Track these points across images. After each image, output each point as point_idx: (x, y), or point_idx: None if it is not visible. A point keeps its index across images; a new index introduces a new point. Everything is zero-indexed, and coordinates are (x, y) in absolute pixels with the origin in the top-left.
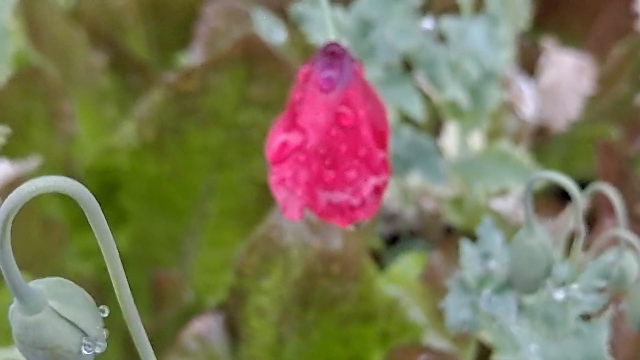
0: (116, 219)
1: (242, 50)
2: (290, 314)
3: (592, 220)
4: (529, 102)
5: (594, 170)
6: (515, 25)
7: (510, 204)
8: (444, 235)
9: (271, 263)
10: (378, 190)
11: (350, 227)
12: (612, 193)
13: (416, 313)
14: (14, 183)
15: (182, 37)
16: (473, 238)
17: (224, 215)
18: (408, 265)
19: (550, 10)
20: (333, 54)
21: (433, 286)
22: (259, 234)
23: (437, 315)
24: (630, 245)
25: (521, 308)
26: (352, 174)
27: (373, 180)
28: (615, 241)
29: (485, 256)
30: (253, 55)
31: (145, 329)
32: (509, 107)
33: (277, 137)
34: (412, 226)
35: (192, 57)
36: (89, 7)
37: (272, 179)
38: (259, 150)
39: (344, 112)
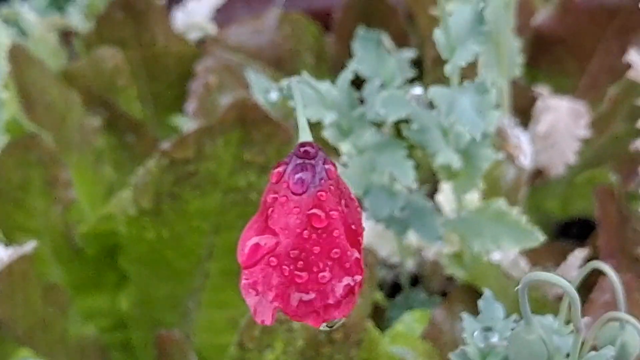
0: (117, 280)
1: (236, 115)
2: None
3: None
4: (526, 150)
5: (594, 211)
6: (510, 74)
7: (510, 256)
8: (446, 283)
9: (273, 335)
10: (351, 290)
11: (324, 327)
12: (609, 271)
13: None
14: (11, 267)
15: (177, 94)
16: (473, 290)
17: (225, 276)
18: (412, 323)
19: (544, 52)
20: (306, 154)
21: (437, 343)
22: None
23: None
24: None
25: None
26: (325, 275)
27: (347, 281)
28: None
29: (487, 330)
30: (247, 120)
31: None
32: (508, 158)
33: (249, 240)
34: (413, 274)
35: (187, 113)
36: (81, 69)
37: (243, 282)
38: (257, 212)
39: (316, 214)
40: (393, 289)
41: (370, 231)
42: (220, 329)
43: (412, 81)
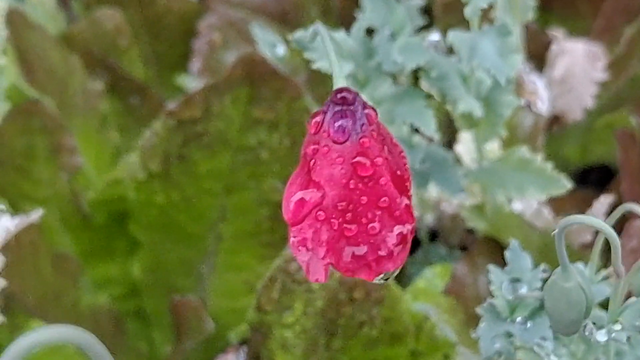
0: (128, 247)
1: (243, 71)
2: (316, 345)
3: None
4: (543, 96)
5: (614, 156)
6: (523, 18)
7: (533, 206)
8: (465, 237)
9: (292, 296)
10: (404, 239)
11: (378, 280)
12: None
13: (446, 329)
14: (19, 236)
15: (180, 53)
16: (495, 242)
17: (238, 238)
18: (433, 278)
19: None
20: (344, 100)
21: (460, 298)
22: (277, 267)
23: (468, 330)
24: None
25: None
26: (375, 226)
27: (398, 229)
28: None
29: (515, 281)
30: (255, 76)
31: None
32: (525, 105)
33: (293, 196)
34: (432, 229)
35: (192, 72)
36: (81, 32)
37: (292, 240)
38: (268, 170)
39: (360, 163)
40: (411, 245)
41: None
42: (236, 292)
43: (422, 29)
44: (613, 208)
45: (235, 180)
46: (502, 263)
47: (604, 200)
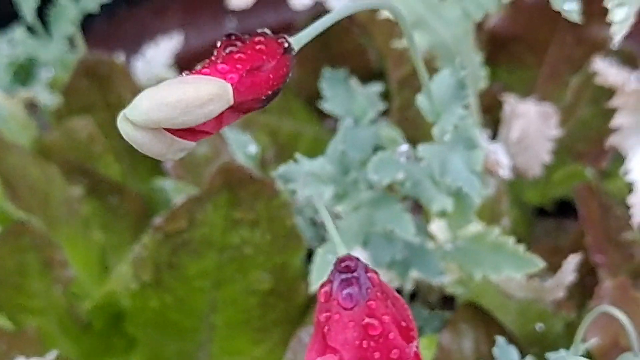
0: (126, 344)
1: (222, 180)
2: None
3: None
4: (504, 163)
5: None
6: (475, 87)
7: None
8: (443, 298)
9: None
10: None
11: None
12: (621, 317)
13: None
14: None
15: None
16: (475, 307)
17: (230, 326)
18: (422, 350)
19: (501, 50)
20: (347, 269)
21: None
22: None
23: None
24: None
25: None
26: None
27: None
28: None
29: None
30: (233, 182)
31: None
32: (487, 173)
33: None
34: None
35: (166, 171)
36: (55, 142)
37: None
38: (253, 264)
39: (370, 324)
40: None
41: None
42: None
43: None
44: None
45: (223, 276)
46: (483, 328)
47: (572, 260)
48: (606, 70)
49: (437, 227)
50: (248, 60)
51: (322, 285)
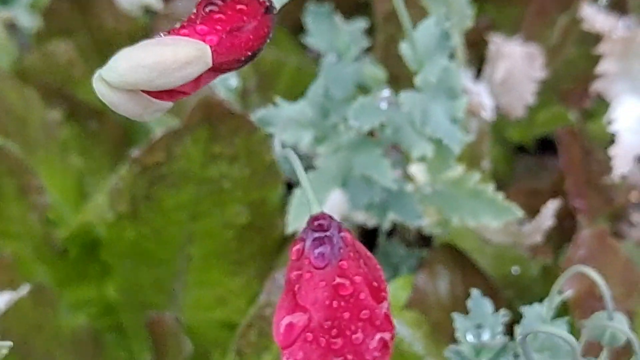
0: (101, 271)
1: (202, 114)
2: None
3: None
4: (487, 105)
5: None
6: (461, 26)
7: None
8: (419, 238)
9: (269, 338)
10: (385, 345)
11: None
12: (596, 276)
13: (414, 344)
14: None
15: None
16: (452, 249)
17: (206, 258)
18: (396, 291)
19: None
20: (320, 227)
21: (423, 308)
22: (253, 314)
23: (433, 341)
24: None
25: None
26: (359, 336)
27: (379, 336)
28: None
29: (478, 327)
30: (213, 117)
31: None
32: (470, 114)
33: (282, 320)
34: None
35: None
36: (35, 66)
37: None
38: (231, 198)
39: (341, 284)
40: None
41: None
42: (208, 306)
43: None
44: (560, 211)
45: (200, 209)
46: (459, 270)
47: (551, 205)
48: (593, 17)
49: (417, 169)
50: (228, 21)
51: (294, 243)
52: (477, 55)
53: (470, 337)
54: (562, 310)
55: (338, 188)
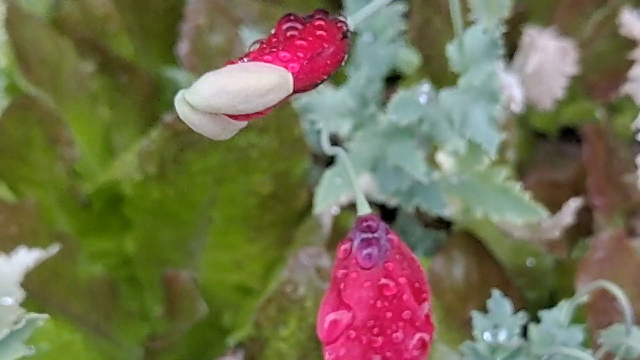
0: (122, 225)
1: None
2: (308, 354)
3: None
4: (517, 97)
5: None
6: (499, 15)
7: None
8: (437, 220)
9: (287, 313)
10: (424, 345)
11: None
12: (616, 290)
13: None
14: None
15: (169, 39)
16: (470, 236)
17: (227, 221)
18: None
19: None
20: (369, 228)
21: (437, 292)
22: (274, 290)
23: (446, 327)
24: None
25: None
26: (399, 335)
27: (418, 336)
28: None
29: (496, 327)
30: None
31: (160, 337)
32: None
33: (326, 316)
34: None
35: (180, 56)
36: (71, 17)
37: (328, 358)
38: (257, 167)
39: (386, 284)
40: (388, 219)
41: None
42: (224, 268)
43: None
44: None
45: (226, 174)
46: (476, 257)
47: (573, 203)
48: (632, 23)
49: (444, 157)
50: (309, 47)
51: (342, 242)
52: (509, 42)
53: (487, 336)
54: (577, 311)
55: (368, 172)
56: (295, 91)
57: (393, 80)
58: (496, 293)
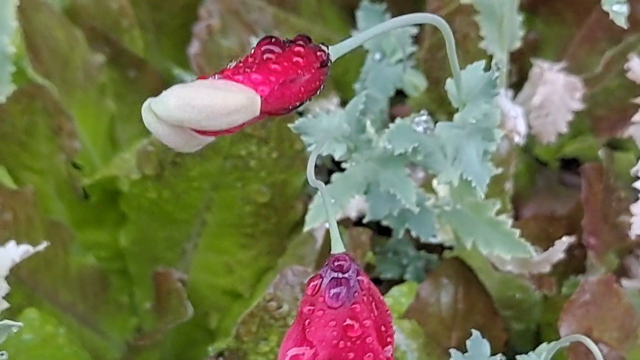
0: (118, 219)
1: None
2: None
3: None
4: (521, 130)
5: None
6: (510, 46)
7: None
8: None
9: (269, 330)
10: None
11: None
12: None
13: (409, 354)
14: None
15: (181, 37)
16: (459, 263)
17: (221, 225)
18: (399, 297)
19: (543, 2)
20: (340, 268)
21: (422, 317)
22: (257, 305)
23: (427, 354)
24: None
25: None
26: None
27: None
28: None
29: None
30: None
31: (146, 335)
32: (504, 136)
33: (288, 350)
34: None
35: (190, 56)
36: (86, 9)
37: None
38: (255, 176)
39: (351, 325)
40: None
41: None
42: (215, 271)
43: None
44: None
45: (223, 180)
46: (464, 285)
47: (566, 240)
48: (639, 69)
49: (439, 185)
50: (283, 72)
51: (312, 279)
52: (518, 71)
53: None
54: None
55: (360, 195)
56: (264, 114)
57: (401, 94)
58: (475, 333)
